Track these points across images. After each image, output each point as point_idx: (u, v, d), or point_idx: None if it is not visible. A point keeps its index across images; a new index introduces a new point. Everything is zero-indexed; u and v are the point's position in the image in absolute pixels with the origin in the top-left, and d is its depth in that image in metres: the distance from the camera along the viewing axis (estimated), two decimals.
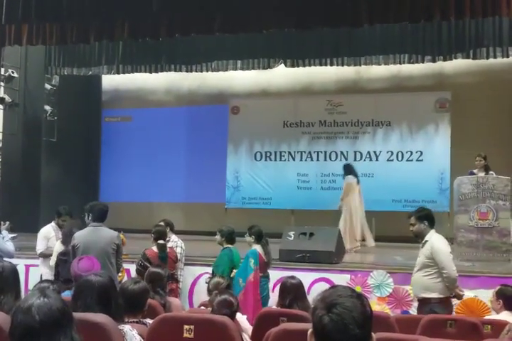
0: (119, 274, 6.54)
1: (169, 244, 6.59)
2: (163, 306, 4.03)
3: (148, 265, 5.88)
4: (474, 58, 8.94)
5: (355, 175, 8.92)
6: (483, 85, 10.21)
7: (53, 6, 7.87)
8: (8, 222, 6.18)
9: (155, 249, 6.08)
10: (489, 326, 3.86)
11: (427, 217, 4.96)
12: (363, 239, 8.95)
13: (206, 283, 6.26)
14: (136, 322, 3.17)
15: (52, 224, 6.81)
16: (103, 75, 11.72)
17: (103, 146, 12.53)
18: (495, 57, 8.76)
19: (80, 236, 5.25)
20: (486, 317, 4.44)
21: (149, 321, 3.20)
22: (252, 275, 5.61)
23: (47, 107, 10.60)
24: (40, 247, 6.34)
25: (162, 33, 7.79)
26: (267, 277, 6.04)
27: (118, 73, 10.79)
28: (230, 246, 6.20)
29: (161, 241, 6.10)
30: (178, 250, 6.58)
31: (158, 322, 2.93)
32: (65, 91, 11.03)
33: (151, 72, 10.69)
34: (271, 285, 6.69)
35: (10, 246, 5.44)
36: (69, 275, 4.33)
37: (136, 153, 12.01)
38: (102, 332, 2.44)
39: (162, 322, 2.92)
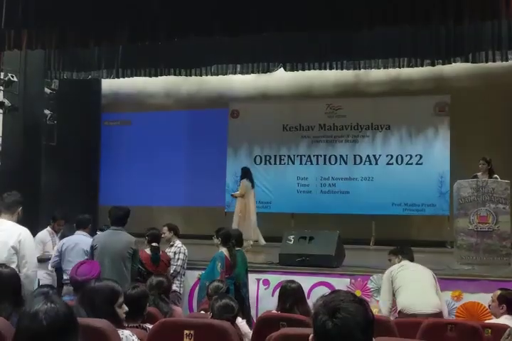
0: None
1: (172, 249, 6.62)
2: (165, 314, 4.03)
3: (140, 266, 5.94)
4: (473, 62, 8.94)
5: (251, 180, 9.37)
6: (483, 89, 10.23)
7: (53, 11, 7.86)
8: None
9: (148, 251, 6.15)
10: (489, 330, 3.86)
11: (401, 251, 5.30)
12: (256, 240, 9.24)
13: (198, 278, 6.35)
14: (136, 327, 3.17)
15: (48, 228, 6.81)
16: (102, 79, 11.71)
17: (103, 150, 12.52)
18: (494, 60, 8.76)
19: (98, 237, 5.38)
20: (487, 321, 4.42)
21: (149, 326, 3.20)
22: (218, 278, 5.68)
23: (46, 111, 10.58)
24: (36, 252, 6.32)
25: (161, 37, 7.78)
26: (232, 279, 6.11)
27: (117, 77, 10.77)
28: (239, 248, 6.39)
29: (154, 244, 6.17)
30: (181, 256, 6.59)
31: (158, 327, 2.93)
32: (64, 96, 11.02)
33: (150, 76, 10.67)
34: (271, 289, 6.72)
35: None
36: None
37: (135, 157, 12.01)
38: (102, 338, 2.44)
39: (162, 327, 2.92)
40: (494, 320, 4.36)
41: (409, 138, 10.29)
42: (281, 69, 10.00)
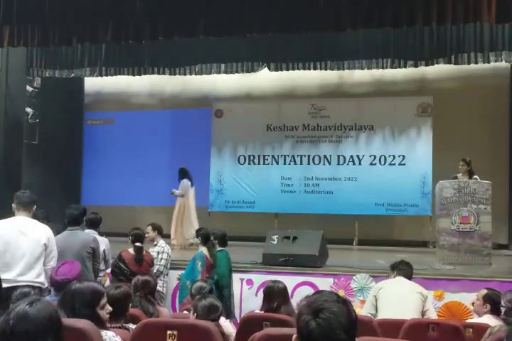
0: (102, 278, 6.53)
1: (156, 249, 6.60)
2: (151, 315, 4.00)
3: (123, 266, 5.93)
4: (456, 63, 9.02)
5: (190, 179, 9.67)
6: (465, 90, 10.33)
7: (35, 8, 7.79)
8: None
9: (131, 250, 6.13)
10: (471, 329, 3.90)
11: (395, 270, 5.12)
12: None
13: (178, 279, 6.36)
14: (119, 328, 3.15)
15: None
16: (85, 77, 11.63)
17: (85, 149, 12.43)
18: (476, 62, 8.85)
19: (56, 240, 5.22)
20: (468, 321, 4.46)
21: (132, 326, 3.18)
22: (199, 278, 5.75)
23: (28, 109, 10.49)
24: None
25: (145, 36, 7.74)
26: (212, 278, 6.14)
27: (101, 75, 10.69)
28: (223, 248, 6.39)
29: (137, 244, 6.15)
30: (165, 256, 6.58)
31: (141, 328, 2.91)
32: (46, 94, 10.92)
33: (134, 75, 10.61)
34: (254, 289, 6.72)
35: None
36: None
37: (118, 156, 11.93)
38: (84, 338, 2.41)
39: (145, 328, 2.90)
40: (476, 319, 4.40)
41: (392, 138, 10.35)
42: (266, 69, 10.01)
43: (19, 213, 4.64)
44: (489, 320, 4.16)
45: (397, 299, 4.54)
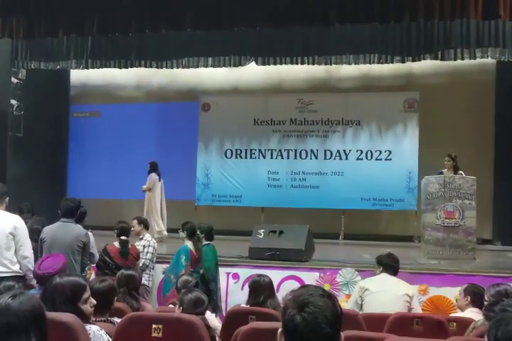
0: (87, 272, 6.51)
1: (142, 243, 6.58)
2: (136, 310, 3.99)
3: (108, 260, 5.92)
4: (442, 59, 9.07)
5: (158, 174, 9.83)
6: (451, 86, 10.39)
7: (21, 0, 7.71)
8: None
9: (117, 244, 6.13)
10: (455, 323, 3.93)
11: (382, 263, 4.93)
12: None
13: (162, 273, 6.36)
14: (104, 321, 3.13)
15: None
16: (71, 70, 11.53)
17: (71, 142, 12.34)
18: (462, 58, 8.90)
19: (48, 230, 5.23)
20: (452, 315, 4.50)
21: (117, 320, 3.16)
22: (183, 272, 5.76)
23: (13, 101, 10.39)
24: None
25: (132, 29, 7.70)
26: (197, 272, 6.14)
27: (87, 68, 10.60)
28: (210, 242, 6.39)
29: (123, 237, 6.13)
30: (150, 250, 6.57)
31: (126, 321, 2.90)
32: (32, 86, 10.81)
33: (120, 68, 10.53)
34: (240, 283, 6.74)
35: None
36: None
37: (104, 149, 11.87)
38: (68, 332, 2.40)
39: (130, 322, 2.89)
40: (460, 314, 4.43)
41: (378, 133, 10.38)
42: (253, 63, 9.99)
43: None
44: (472, 314, 4.21)
45: (382, 305, 4.45)
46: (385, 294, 4.56)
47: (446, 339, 3.10)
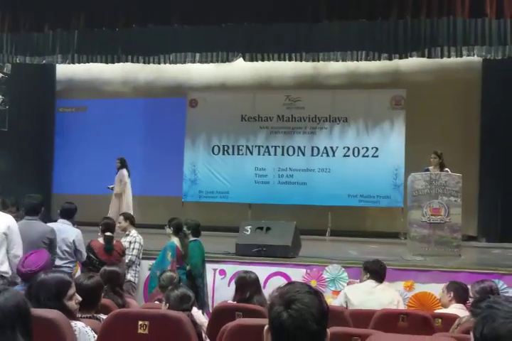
0: (73, 268, 6.48)
1: (128, 239, 6.55)
2: (121, 307, 3.97)
3: (92, 256, 5.90)
4: (429, 57, 9.10)
5: (128, 170, 10.02)
6: (437, 84, 10.45)
7: None
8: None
9: (101, 240, 6.10)
10: (440, 320, 3.96)
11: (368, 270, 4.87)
12: None
13: (149, 269, 6.35)
14: (90, 318, 3.12)
15: None
16: (57, 64, 11.43)
17: (57, 137, 12.25)
18: (449, 56, 8.94)
19: None
20: (437, 311, 4.53)
21: (103, 316, 3.15)
22: (168, 268, 5.76)
23: None
24: None
25: (119, 24, 7.65)
26: (184, 269, 6.16)
27: (73, 63, 10.49)
28: (197, 238, 6.37)
29: (108, 233, 6.12)
30: (137, 246, 6.54)
31: (112, 318, 2.89)
32: (17, 80, 10.70)
33: (107, 63, 10.44)
34: (227, 279, 6.74)
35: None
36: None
37: (91, 145, 11.79)
38: (53, 329, 2.39)
39: (116, 318, 2.88)
40: (444, 310, 4.47)
41: (365, 130, 10.42)
42: (241, 59, 9.97)
43: None
44: (456, 310, 4.24)
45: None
46: (369, 303, 4.52)
47: (431, 335, 3.12)
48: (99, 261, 5.94)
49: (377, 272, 4.80)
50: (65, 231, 5.89)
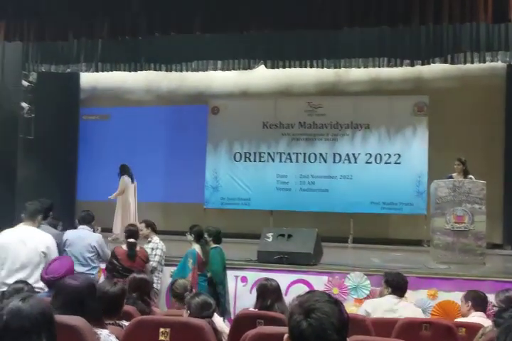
0: (96, 274, 6.56)
1: (150, 245, 6.60)
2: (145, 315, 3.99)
3: (116, 262, 5.96)
4: (452, 63, 9.03)
5: (130, 175, 10.00)
6: (460, 90, 10.34)
7: (32, 3, 7.77)
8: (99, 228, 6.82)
9: (125, 247, 6.16)
10: (464, 329, 3.91)
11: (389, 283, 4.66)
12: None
13: (170, 276, 6.38)
14: (112, 324, 3.14)
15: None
16: (81, 73, 11.60)
17: (81, 144, 12.40)
18: (472, 62, 8.86)
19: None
20: (457, 320, 4.46)
21: (125, 323, 3.17)
22: (190, 275, 5.81)
23: (24, 104, 10.44)
24: None
25: (141, 32, 7.73)
26: (204, 275, 6.18)
27: (97, 71, 10.66)
28: (218, 245, 6.38)
29: (131, 240, 6.17)
30: (158, 252, 6.58)
31: (134, 325, 2.91)
32: (42, 89, 10.87)
33: (130, 71, 10.59)
34: (249, 286, 6.73)
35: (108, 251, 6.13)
36: None
37: (114, 152, 11.89)
38: (76, 335, 2.41)
39: (138, 325, 2.90)
40: (464, 319, 4.41)
41: (388, 137, 10.36)
42: (262, 66, 10.00)
43: (25, 223, 4.99)
44: (476, 318, 4.20)
45: None
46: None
47: None
48: (122, 267, 6.00)
49: (399, 287, 4.59)
50: (86, 237, 6.00)
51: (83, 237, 6.01)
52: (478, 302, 4.40)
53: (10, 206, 9.59)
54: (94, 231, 6.45)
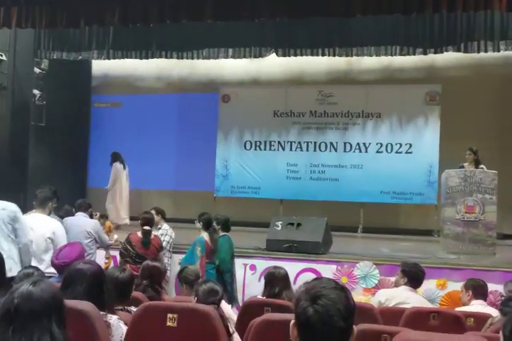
0: (106, 261, 6.64)
1: (159, 232, 6.66)
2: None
3: (130, 248, 6.04)
4: (465, 52, 8.94)
5: (122, 162, 10.15)
6: (474, 79, 10.23)
7: None
8: (98, 213, 7.18)
9: (139, 234, 6.20)
10: (472, 319, 3.90)
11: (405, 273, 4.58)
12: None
13: (179, 264, 6.42)
14: (121, 310, 3.17)
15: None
16: (93, 60, 11.61)
17: (92, 132, 12.44)
18: (486, 51, 8.76)
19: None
20: (458, 309, 4.46)
21: (133, 309, 3.20)
22: (198, 263, 5.84)
23: (36, 91, 10.48)
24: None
25: (153, 19, 7.71)
26: (213, 263, 6.21)
27: (108, 58, 10.67)
28: (226, 233, 6.36)
29: (146, 227, 6.23)
30: (167, 238, 6.65)
31: (142, 311, 2.93)
32: (54, 76, 10.90)
33: (141, 58, 10.58)
34: (257, 274, 6.76)
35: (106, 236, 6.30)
36: None
37: (125, 140, 11.92)
38: (85, 320, 2.43)
39: (146, 311, 2.92)
40: (465, 308, 4.40)
41: (399, 126, 10.29)
42: (274, 54, 9.96)
43: (36, 210, 5.19)
44: (477, 306, 4.21)
45: None
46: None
47: (462, 334, 3.08)
48: (136, 253, 6.09)
49: (415, 278, 4.53)
50: (82, 223, 6.10)
51: (79, 224, 6.07)
52: (479, 290, 4.42)
53: (22, 192, 9.67)
54: (91, 217, 6.55)
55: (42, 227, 4.95)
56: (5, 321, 1.80)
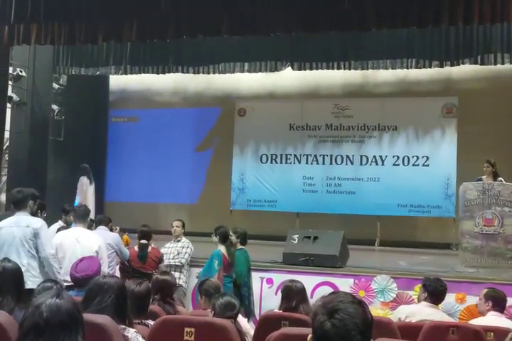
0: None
1: (179, 244, 6.72)
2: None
3: (127, 263, 6.07)
4: (482, 64, 8.91)
5: (89, 177, 10.01)
6: (491, 91, 10.18)
7: (62, 6, 7.90)
8: (118, 227, 7.29)
9: (136, 248, 6.22)
10: (492, 333, 3.84)
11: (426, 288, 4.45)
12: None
13: (196, 277, 6.41)
14: (138, 324, 3.17)
15: (60, 222, 6.88)
16: (110, 75, 11.75)
17: (109, 146, 12.55)
18: (503, 63, 8.73)
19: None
20: (474, 320, 4.39)
21: (151, 322, 3.20)
22: (216, 276, 5.78)
23: (54, 106, 10.63)
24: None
25: (169, 35, 7.79)
26: (230, 277, 6.18)
27: (125, 73, 10.80)
28: (243, 247, 6.42)
29: (143, 241, 6.24)
30: (188, 251, 6.71)
31: (159, 324, 2.93)
32: (72, 91, 11.05)
33: (158, 73, 10.69)
34: (274, 288, 6.73)
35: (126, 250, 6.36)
36: None
37: (142, 154, 12.02)
38: (102, 334, 2.44)
39: (163, 325, 2.92)
40: (481, 318, 4.35)
41: (416, 139, 10.25)
42: (289, 68, 10.00)
43: (76, 224, 5.58)
44: (494, 318, 4.14)
45: None
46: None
47: None
48: (131, 268, 6.09)
49: (435, 293, 4.40)
50: (105, 236, 6.12)
51: (104, 237, 6.09)
52: (499, 303, 4.36)
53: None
54: (111, 231, 6.62)
55: (89, 240, 5.29)
56: (33, 334, 1.80)
